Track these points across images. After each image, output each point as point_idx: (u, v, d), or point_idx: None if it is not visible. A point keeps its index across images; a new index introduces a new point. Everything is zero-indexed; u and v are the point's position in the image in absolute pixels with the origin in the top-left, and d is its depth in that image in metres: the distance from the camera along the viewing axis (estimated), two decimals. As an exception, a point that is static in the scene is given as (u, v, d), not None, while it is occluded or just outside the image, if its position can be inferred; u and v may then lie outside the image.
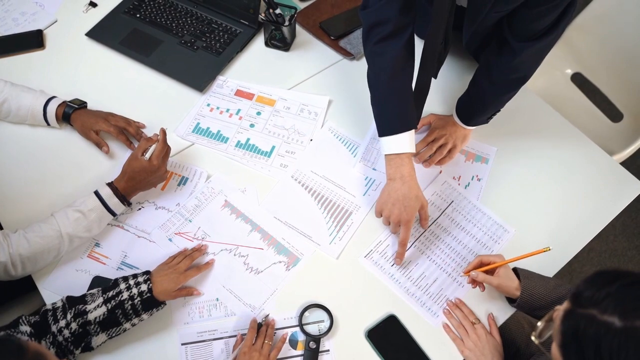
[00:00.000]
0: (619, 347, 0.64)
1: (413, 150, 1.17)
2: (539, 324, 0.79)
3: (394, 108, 1.16)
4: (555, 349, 0.72)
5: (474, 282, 1.15)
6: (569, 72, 1.85)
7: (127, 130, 1.32)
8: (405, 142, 1.15)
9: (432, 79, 1.26)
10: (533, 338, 0.80)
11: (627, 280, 0.68)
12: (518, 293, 1.10)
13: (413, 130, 1.17)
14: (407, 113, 1.17)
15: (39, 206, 1.23)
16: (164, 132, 1.20)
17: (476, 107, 1.29)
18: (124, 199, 1.17)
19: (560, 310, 0.72)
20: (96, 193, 1.14)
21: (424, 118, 1.38)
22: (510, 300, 1.15)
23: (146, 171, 1.17)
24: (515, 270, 1.14)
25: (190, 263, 1.15)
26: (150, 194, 1.26)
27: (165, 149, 1.19)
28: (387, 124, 1.16)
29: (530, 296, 1.09)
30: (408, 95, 1.18)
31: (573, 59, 1.83)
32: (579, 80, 1.84)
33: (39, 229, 1.09)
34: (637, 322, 0.63)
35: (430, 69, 1.20)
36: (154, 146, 1.18)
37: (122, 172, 1.18)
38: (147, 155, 1.17)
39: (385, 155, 1.18)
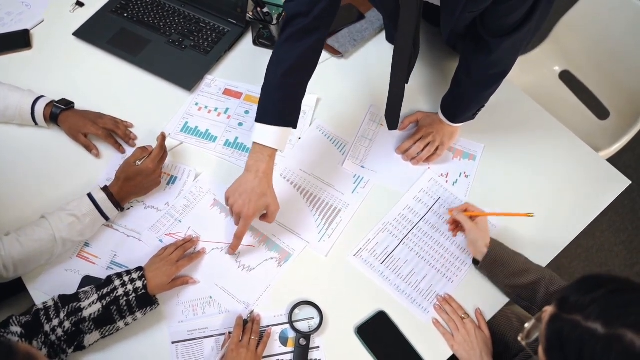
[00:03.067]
0: (602, 354, 0.65)
1: (280, 149, 1.14)
2: (526, 325, 0.79)
3: (278, 102, 1.13)
4: (541, 352, 0.73)
5: (453, 224, 1.23)
6: (557, 69, 1.87)
7: (116, 133, 1.32)
8: (275, 136, 1.12)
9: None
10: (520, 339, 0.80)
11: (613, 286, 0.69)
12: (485, 250, 1.14)
13: (288, 130, 1.14)
14: (288, 111, 1.15)
15: (30, 206, 1.23)
16: (163, 136, 1.20)
17: (459, 104, 1.30)
18: (118, 205, 1.17)
19: (547, 312, 0.73)
20: (90, 197, 1.14)
21: (411, 116, 1.39)
22: (475, 263, 1.19)
23: (141, 175, 1.17)
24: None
25: (181, 254, 1.15)
26: (139, 194, 1.26)
27: (162, 153, 1.20)
28: (265, 113, 1.13)
29: (494, 261, 1.14)
30: (297, 94, 1.16)
31: (561, 57, 1.84)
32: (566, 78, 1.85)
33: (32, 232, 1.08)
34: (620, 330, 0.64)
35: (401, 75, 1.19)
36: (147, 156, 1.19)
37: (116, 178, 1.18)
38: (139, 163, 1.17)
39: (253, 142, 1.14)
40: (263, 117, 1.13)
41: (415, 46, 1.17)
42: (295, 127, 1.16)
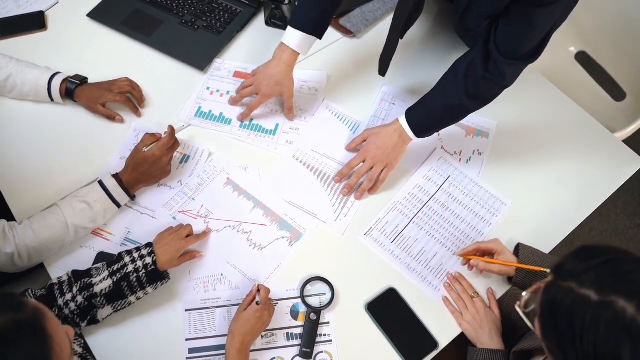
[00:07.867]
0: (591, 320, 0.65)
1: (300, 52, 1.27)
2: (523, 294, 0.79)
3: (307, 9, 1.24)
4: (537, 321, 0.74)
5: (468, 264, 1.17)
6: (573, 50, 1.84)
7: (133, 95, 1.34)
8: (297, 39, 1.24)
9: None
10: (517, 308, 0.80)
11: (609, 256, 0.69)
12: (514, 272, 1.12)
13: (312, 38, 1.26)
14: (315, 19, 1.24)
15: (47, 183, 1.25)
16: (172, 128, 1.21)
17: (444, 118, 1.22)
18: (128, 192, 1.18)
19: (545, 281, 0.74)
20: (101, 183, 1.15)
21: (357, 137, 1.30)
22: (509, 279, 1.16)
23: (147, 162, 1.17)
24: (517, 246, 1.16)
25: (189, 230, 1.16)
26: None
27: (171, 143, 1.20)
28: (296, 18, 1.25)
29: (525, 275, 1.11)
30: (327, 5, 1.25)
31: (578, 37, 1.81)
32: (583, 58, 1.82)
33: (45, 219, 1.10)
34: (612, 297, 0.64)
35: (398, 28, 1.26)
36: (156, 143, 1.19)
37: (126, 165, 1.20)
38: (147, 150, 1.17)
39: (281, 42, 1.27)
40: (293, 22, 1.25)
41: (418, 5, 1.20)
42: (320, 37, 1.27)
